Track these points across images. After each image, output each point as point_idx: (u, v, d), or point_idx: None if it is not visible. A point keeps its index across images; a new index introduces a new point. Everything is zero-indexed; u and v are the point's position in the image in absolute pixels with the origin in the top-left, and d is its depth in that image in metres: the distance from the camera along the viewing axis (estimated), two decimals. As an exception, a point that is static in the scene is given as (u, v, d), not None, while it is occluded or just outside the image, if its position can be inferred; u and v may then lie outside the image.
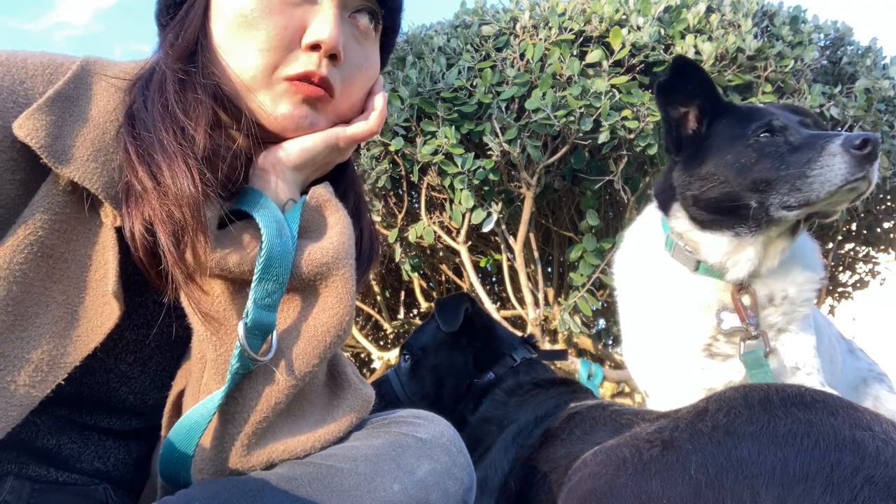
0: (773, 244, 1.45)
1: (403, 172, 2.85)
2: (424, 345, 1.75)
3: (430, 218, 3.00)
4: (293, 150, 0.85)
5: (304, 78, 0.81)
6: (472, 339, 1.74)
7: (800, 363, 1.47)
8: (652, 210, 1.63)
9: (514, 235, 2.94)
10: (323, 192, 0.86)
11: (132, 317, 0.81)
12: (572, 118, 2.53)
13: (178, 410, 0.86)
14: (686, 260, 1.51)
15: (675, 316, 1.52)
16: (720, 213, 1.46)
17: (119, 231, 0.77)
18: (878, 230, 3.46)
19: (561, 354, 2.07)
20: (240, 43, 0.80)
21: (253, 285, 0.76)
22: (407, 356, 1.78)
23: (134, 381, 0.87)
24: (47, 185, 0.76)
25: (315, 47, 0.81)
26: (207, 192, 0.76)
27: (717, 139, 1.49)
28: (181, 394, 0.86)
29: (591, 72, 2.64)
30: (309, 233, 0.83)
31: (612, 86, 2.55)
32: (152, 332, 0.86)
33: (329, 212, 0.85)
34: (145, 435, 0.93)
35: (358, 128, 0.89)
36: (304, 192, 0.88)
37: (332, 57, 0.82)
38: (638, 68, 2.67)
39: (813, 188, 1.33)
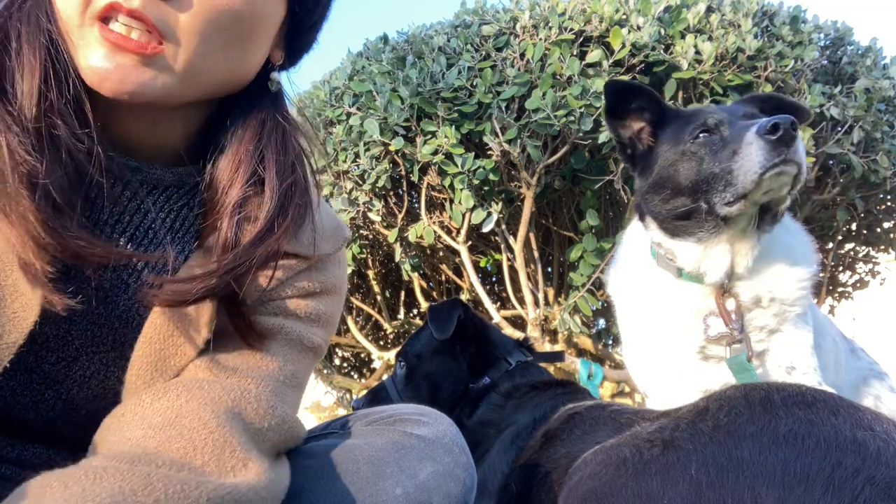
0: (739, 243, 1.45)
1: (403, 172, 2.84)
2: (419, 352, 1.78)
3: (430, 218, 2.99)
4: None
5: (108, 11, 0.64)
6: (465, 345, 1.76)
7: (795, 363, 1.46)
8: (637, 221, 1.65)
9: (514, 235, 2.94)
10: None
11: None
12: (572, 118, 2.53)
13: None
14: (669, 267, 1.52)
15: (666, 322, 1.53)
16: (680, 219, 1.47)
17: None
18: (878, 230, 3.46)
19: (558, 356, 2.08)
20: None
21: None
22: (402, 363, 1.81)
23: (60, 385, 0.78)
24: None
25: None
26: (32, 165, 0.64)
27: (662, 148, 1.52)
28: None
29: (591, 71, 2.64)
30: None
31: (613, 86, 2.55)
32: (77, 327, 0.77)
33: None
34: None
35: None
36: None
37: None
38: (638, 68, 2.67)
39: (739, 180, 1.33)
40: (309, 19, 0.81)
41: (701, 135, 1.44)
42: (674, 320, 1.52)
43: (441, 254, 3.43)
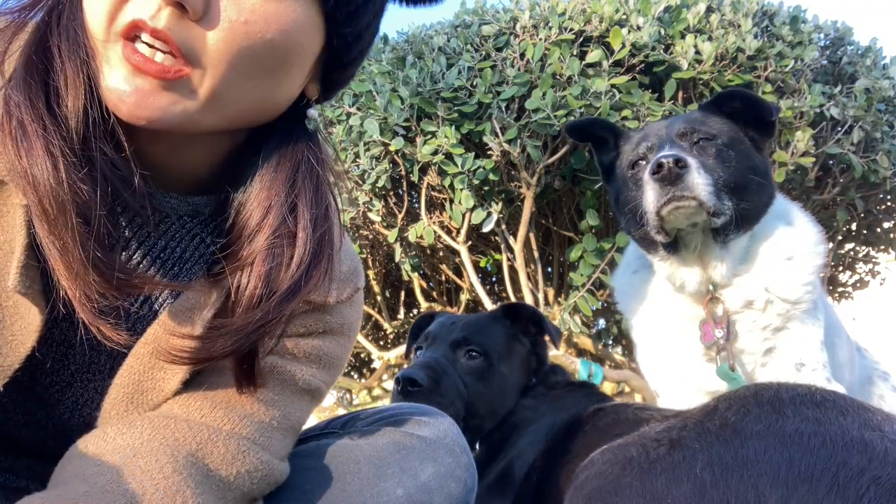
0: (705, 255, 1.44)
1: (403, 172, 2.84)
2: (499, 350, 1.71)
3: (430, 218, 2.99)
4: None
5: (133, 30, 0.60)
6: (534, 349, 1.80)
7: (804, 359, 1.45)
8: None
9: (514, 235, 2.94)
10: None
11: (53, 332, 0.69)
12: (572, 118, 2.52)
13: None
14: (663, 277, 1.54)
15: (668, 328, 1.55)
16: (642, 238, 1.50)
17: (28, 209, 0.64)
18: (878, 230, 3.46)
19: None
20: None
21: None
22: (476, 353, 1.69)
23: (52, 409, 0.75)
24: None
25: None
26: (88, 197, 0.61)
27: (614, 175, 1.58)
28: None
29: (591, 72, 2.64)
30: None
31: (612, 86, 2.55)
32: (74, 353, 0.74)
33: None
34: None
35: None
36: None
37: (182, 8, 0.59)
38: (638, 68, 2.67)
39: (648, 217, 1.37)
40: (347, 55, 0.75)
41: (635, 163, 1.47)
42: (673, 326, 1.53)
43: (441, 254, 3.43)
